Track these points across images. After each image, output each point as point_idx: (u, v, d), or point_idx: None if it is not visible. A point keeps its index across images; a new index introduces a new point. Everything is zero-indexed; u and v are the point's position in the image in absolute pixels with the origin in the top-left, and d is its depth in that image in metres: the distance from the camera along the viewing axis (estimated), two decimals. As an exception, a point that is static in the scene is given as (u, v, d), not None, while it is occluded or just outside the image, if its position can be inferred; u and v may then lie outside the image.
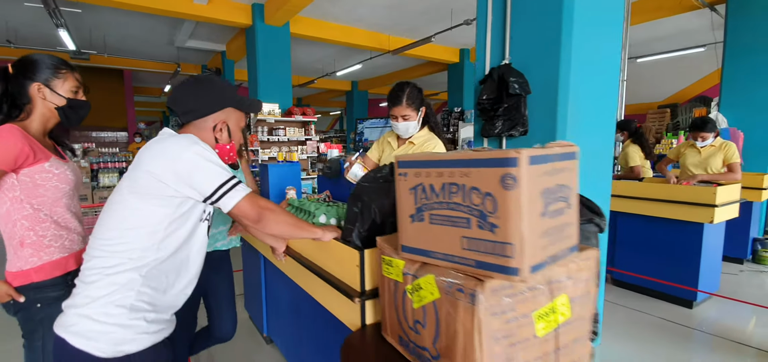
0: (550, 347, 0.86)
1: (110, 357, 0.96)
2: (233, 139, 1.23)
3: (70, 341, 0.96)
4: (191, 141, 1.05)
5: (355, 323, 1.25)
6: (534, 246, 0.76)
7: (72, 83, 1.36)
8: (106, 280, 0.97)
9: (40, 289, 1.28)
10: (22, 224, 1.25)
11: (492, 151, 0.77)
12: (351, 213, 1.30)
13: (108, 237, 1.00)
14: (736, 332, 2.70)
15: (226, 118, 1.19)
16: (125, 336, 0.98)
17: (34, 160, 1.23)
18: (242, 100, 1.23)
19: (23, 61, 1.32)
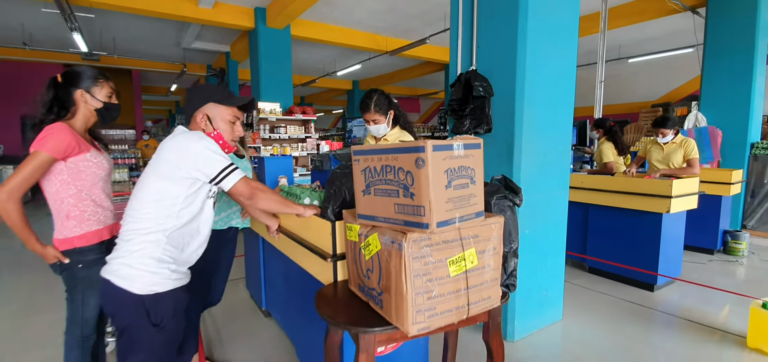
0: (461, 285, 1.18)
1: (144, 293, 1.31)
2: (217, 128, 1.47)
3: (114, 281, 1.30)
4: (199, 136, 1.38)
5: (328, 279, 1.58)
6: (440, 208, 1.08)
7: (107, 90, 1.69)
8: (139, 239, 1.31)
9: (81, 253, 1.61)
10: (68, 201, 1.58)
11: (411, 142, 1.09)
12: (327, 194, 1.63)
13: (139, 208, 1.33)
14: (696, 313, 2.97)
15: (206, 111, 1.47)
16: (154, 279, 1.32)
17: (78, 151, 1.56)
18: (221, 96, 1.49)
19: (69, 72, 1.65)
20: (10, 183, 1.44)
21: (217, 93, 1.49)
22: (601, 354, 2.44)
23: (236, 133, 1.52)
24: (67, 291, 1.67)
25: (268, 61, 7.22)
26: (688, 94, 11.35)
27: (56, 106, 1.61)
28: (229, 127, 1.50)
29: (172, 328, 1.40)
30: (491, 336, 1.40)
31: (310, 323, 2.06)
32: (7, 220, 1.46)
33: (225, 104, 1.48)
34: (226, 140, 1.50)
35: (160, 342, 1.38)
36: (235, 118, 1.51)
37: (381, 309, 1.23)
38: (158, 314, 1.35)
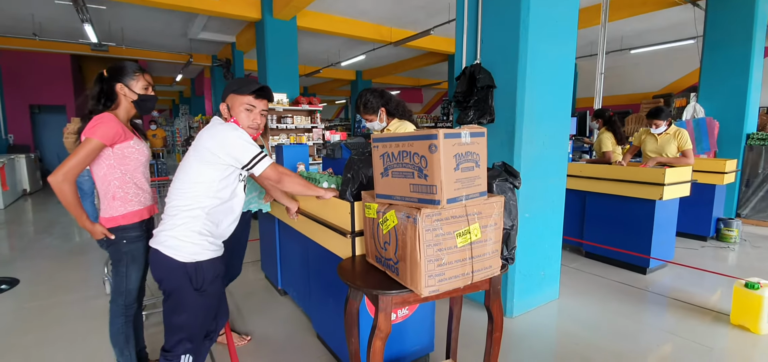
0: (466, 254, 1.37)
1: (188, 261, 1.51)
2: (234, 115, 1.62)
3: (162, 250, 1.49)
4: (233, 127, 1.57)
5: (347, 254, 1.77)
6: (449, 187, 1.26)
7: (143, 83, 1.85)
8: (183, 214, 1.50)
9: (125, 230, 1.80)
10: (114, 184, 1.77)
11: (425, 131, 1.26)
12: (345, 178, 1.81)
13: (182, 188, 1.52)
14: (685, 294, 3.16)
15: (228, 101, 1.65)
16: (195, 249, 1.52)
17: (124, 139, 1.74)
18: (237, 86, 1.63)
19: (113, 67, 1.82)
20: (66, 166, 1.61)
21: (235, 84, 1.64)
22: (592, 328, 2.64)
23: (254, 120, 1.64)
24: (113, 265, 1.87)
25: (275, 52, 7.35)
26: (690, 86, 11.42)
27: (103, 97, 1.79)
28: (246, 114, 1.62)
29: (211, 293, 1.60)
30: (492, 302, 1.59)
31: (326, 297, 2.26)
32: (62, 199, 1.64)
33: (240, 93, 1.62)
34: (243, 125, 1.62)
35: (200, 305, 1.58)
36: (250, 105, 1.62)
37: (397, 276, 1.42)
38: (199, 279, 1.54)
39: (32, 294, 3.29)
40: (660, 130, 3.92)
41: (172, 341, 1.57)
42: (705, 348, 2.37)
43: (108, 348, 1.99)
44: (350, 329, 1.74)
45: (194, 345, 1.60)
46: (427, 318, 2.18)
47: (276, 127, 6.96)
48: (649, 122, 4.01)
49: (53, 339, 2.55)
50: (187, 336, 1.57)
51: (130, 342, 1.94)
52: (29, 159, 8.63)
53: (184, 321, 1.56)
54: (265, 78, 7.52)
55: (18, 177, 8.14)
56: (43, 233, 5.34)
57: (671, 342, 2.46)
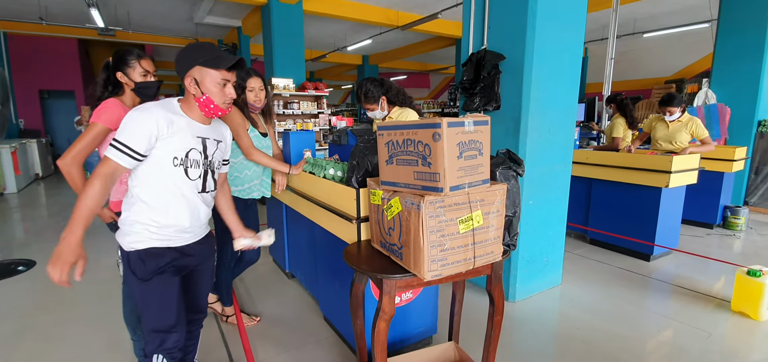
0: (468, 240, 1.40)
1: (129, 249, 1.41)
2: (206, 91, 1.39)
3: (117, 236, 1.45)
4: (135, 110, 1.34)
5: (352, 239, 1.82)
6: (452, 175, 1.29)
7: (140, 70, 1.83)
8: (127, 201, 1.45)
9: None
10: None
11: (430, 120, 1.29)
12: (351, 165, 1.85)
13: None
14: (687, 281, 3.18)
15: (193, 74, 1.38)
16: (137, 238, 1.40)
17: None
18: (207, 58, 1.38)
19: (115, 54, 1.85)
20: (73, 150, 1.67)
21: (203, 54, 1.39)
22: (594, 313, 2.68)
23: (228, 95, 1.44)
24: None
25: (281, 37, 7.34)
26: (703, 71, 11.22)
27: (110, 85, 1.84)
28: (219, 89, 1.41)
29: (158, 283, 1.43)
30: (493, 286, 1.63)
31: (332, 280, 2.32)
32: (70, 182, 1.70)
33: (212, 67, 1.39)
34: (218, 103, 1.42)
35: (148, 295, 1.43)
36: (224, 80, 1.42)
37: (401, 260, 1.47)
38: (139, 268, 1.40)
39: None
40: (674, 117, 3.91)
41: (145, 340, 1.49)
42: (704, 333, 2.40)
43: (123, 326, 2.08)
44: (356, 311, 1.80)
45: (165, 347, 1.47)
46: (431, 302, 2.24)
47: (282, 113, 6.99)
48: (662, 109, 3.97)
49: (70, 319, 2.66)
50: (148, 329, 1.45)
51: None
52: (40, 143, 8.77)
53: (141, 312, 1.47)
54: (271, 62, 7.52)
55: (30, 161, 8.30)
56: (56, 216, 5.47)
57: (671, 327, 2.50)
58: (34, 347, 2.34)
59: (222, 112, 1.46)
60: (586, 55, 13.65)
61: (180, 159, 1.41)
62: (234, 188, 2.28)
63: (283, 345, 2.33)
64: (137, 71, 1.84)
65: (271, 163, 2.33)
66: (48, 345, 2.35)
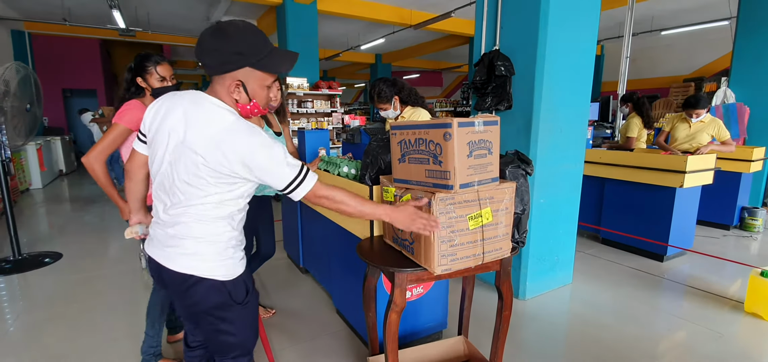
0: (478, 236, 1.45)
1: (227, 278, 1.25)
2: (253, 98, 1.18)
3: (193, 274, 1.21)
4: (260, 137, 1.11)
5: (365, 234, 1.88)
6: (462, 173, 1.34)
7: (157, 76, 1.90)
8: (211, 238, 1.23)
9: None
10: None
11: (441, 120, 1.34)
12: (364, 163, 1.91)
13: (204, 214, 1.21)
14: (701, 282, 3.16)
15: (242, 78, 1.13)
16: (232, 263, 1.27)
17: None
18: (262, 60, 1.13)
19: (136, 58, 1.93)
20: (97, 148, 1.77)
21: (255, 52, 1.12)
22: (604, 312, 2.69)
23: (271, 97, 1.32)
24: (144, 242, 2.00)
25: (296, 36, 7.45)
26: (723, 69, 10.95)
27: (133, 86, 1.93)
28: (266, 92, 1.23)
29: (253, 302, 1.36)
30: (502, 282, 1.67)
31: (345, 275, 2.39)
32: (94, 177, 1.79)
33: (266, 71, 1.16)
34: (262, 108, 1.23)
35: (247, 317, 1.33)
36: (273, 82, 1.24)
37: (412, 255, 1.52)
38: (240, 293, 1.29)
39: (75, 267, 3.55)
40: (701, 118, 3.89)
41: (229, 360, 1.35)
42: (715, 334, 2.40)
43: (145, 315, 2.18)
44: (368, 303, 1.86)
45: (250, 356, 1.40)
46: (441, 297, 2.29)
47: (296, 111, 7.10)
48: (687, 112, 3.95)
49: (96, 309, 2.79)
50: (241, 351, 1.35)
51: (164, 314, 2.04)
52: (64, 141, 9.09)
53: (236, 339, 1.31)
54: (285, 62, 7.63)
55: (54, 158, 8.60)
56: (80, 211, 5.68)
57: (681, 327, 2.50)
58: (62, 333, 2.47)
59: (262, 113, 1.26)
60: (601, 52, 13.46)
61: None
62: None
63: (298, 337, 2.41)
64: (154, 77, 1.92)
65: None
66: (75, 332, 2.48)
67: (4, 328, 2.53)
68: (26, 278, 3.33)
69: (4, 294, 3.06)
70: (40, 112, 3.71)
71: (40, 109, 3.70)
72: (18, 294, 3.06)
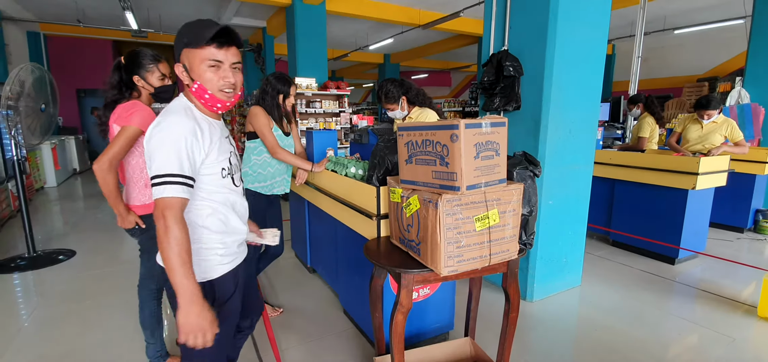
0: (484, 237, 1.45)
1: (198, 280, 1.16)
2: (197, 79, 1.14)
3: None
4: (162, 125, 1.10)
5: (372, 235, 1.89)
6: (469, 175, 1.34)
7: (158, 74, 1.83)
8: None
9: None
10: (146, 171, 1.80)
11: (448, 121, 1.34)
12: (372, 164, 1.92)
13: None
14: (713, 285, 3.11)
15: (183, 60, 1.16)
16: (205, 266, 1.25)
17: None
18: (190, 36, 1.12)
19: (129, 56, 1.83)
20: (109, 153, 1.67)
21: (188, 34, 1.13)
22: (613, 315, 2.66)
23: (225, 78, 1.17)
24: (143, 252, 1.91)
25: (304, 37, 7.49)
26: (738, 69, 10.73)
27: (124, 87, 1.81)
28: (212, 72, 1.14)
29: (228, 309, 1.29)
30: (509, 284, 1.67)
31: (352, 275, 2.40)
32: (103, 186, 1.70)
33: (195, 45, 1.12)
34: (213, 92, 1.16)
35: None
36: (214, 60, 1.14)
37: (419, 256, 1.53)
38: (210, 298, 1.23)
39: (87, 264, 3.62)
40: (712, 119, 3.83)
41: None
42: (727, 339, 2.36)
43: (158, 313, 2.21)
44: (375, 304, 1.87)
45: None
46: (448, 298, 2.29)
47: (305, 111, 7.13)
48: (699, 113, 3.90)
49: (108, 305, 2.84)
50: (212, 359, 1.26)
51: (161, 324, 2.02)
52: (78, 140, 9.25)
53: (195, 352, 1.16)
54: (294, 62, 7.68)
55: (68, 157, 8.76)
56: (93, 209, 5.78)
57: (692, 331, 2.46)
58: (75, 329, 2.52)
59: (220, 103, 1.19)
60: (613, 52, 13.29)
61: (226, 168, 1.25)
62: (258, 184, 2.40)
63: (305, 336, 2.42)
64: (156, 75, 1.83)
65: (295, 161, 2.43)
66: (87, 328, 2.53)
67: (19, 323, 2.58)
68: (41, 275, 3.40)
69: (19, 290, 3.13)
70: (56, 112, 3.78)
71: (55, 109, 3.78)
72: (33, 291, 3.13)
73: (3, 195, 4.95)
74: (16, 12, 8.30)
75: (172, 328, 2.41)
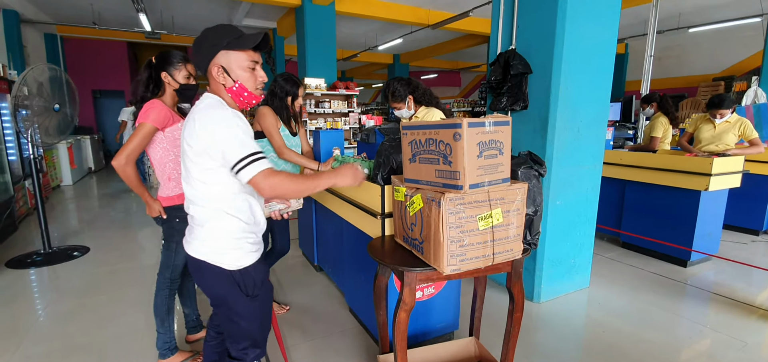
0: (488, 237, 1.45)
1: (234, 268, 1.32)
2: (237, 79, 1.26)
3: (204, 260, 1.31)
4: (223, 115, 1.20)
5: (377, 233, 1.90)
6: (472, 173, 1.34)
7: (185, 73, 1.92)
8: (212, 222, 1.31)
9: (179, 210, 1.93)
10: (169, 166, 1.92)
11: (451, 120, 1.35)
12: (377, 163, 1.93)
13: (200, 195, 1.30)
14: (726, 288, 3.05)
15: (219, 62, 1.25)
16: (238, 254, 1.33)
17: (173, 122, 1.88)
18: (232, 42, 1.24)
19: (161, 55, 1.94)
20: (126, 150, 1.78)
21: (225, 37, 1.24)
22: (622, 317, 2.63)
23: (259, 80, 1.32)
24: (165, 240, 2.02)
25: (314, 37, 7.54)
26: (754, 68, 10.48)
27: (151, 84, 1.93)
28: (250, 73, 1.29)
29: (263, 297, 1.41)
30: (513, 284, 1.66)
31: (357, 273, 2.41)
32: (126, 180, 1.83)
33: (238, 49, 1.26)
34: (251, 90, 1.30)
35: (255, 310, 1.39)
36: (253, 62, 1.29)
37: (422, 255, 1.53)
38: (248, 285, 1.34)
39: (101, 261, 3.70)
40: (725, 118, 3.75)
41: (236, 349, 1.40)
42: (739, 343, 2.31)
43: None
44: (379, 302, 1.88)
45: (261, 349, 1.45)
46: (452, 298, 2.28)
47: (314, 111, 7.18)
48: (711, 112, 3.82)
49: (121, 300, 2.90)
50: (250, 343, 1.40)
51: (171, 313, 2.08)
52: (93, 140, 9.45)
53: (245, 329, 1.37)
54: (304, 62, 7.74)
55: (84, 156, 8.96)
56: (107, 207, 5.91)
57: (704, 335, 2.42)
58: (89, 324, 2.58)
59: (256, 100, 1.33)
60: (625, 51, 13.10)
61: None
62: None
63: (311, 333, 2.44)
64: (182, 74, 1.93)
65: (302, 161, 2.45)
66: (101, 322, 2.59)
67: (35, 318, 2.66)
68: (56, 270, 3.49)
69: (35, 285, 3.22)
70: (74, 113, 3.87)
71: (73, 110, 3.87)
72: (48, 286, 3.21)
73: (20, 193, 5.09)
74: (33, 14, 8.52)
75: (182, 324, 2.45)
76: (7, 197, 4.50)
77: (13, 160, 4.96)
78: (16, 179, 4.89)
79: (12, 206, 4.59)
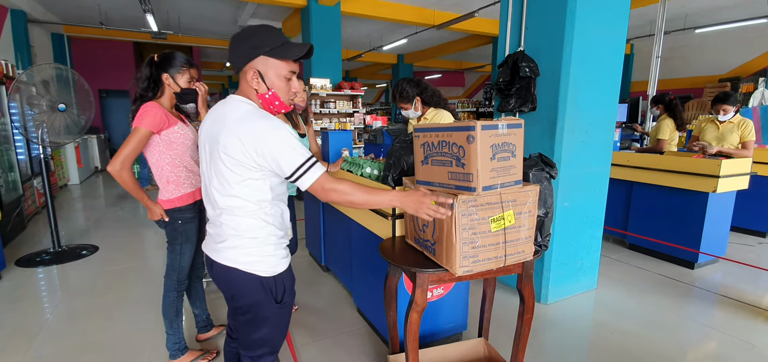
0: (500, 239, 1.46)
1: (268, 275, 1.30)
2: (272, 87, 1.23)
3: (236, 267, 1.27)
4: (271, 122, 1.17)
5: (387, 234, 1.91)
6: (485, 176, 1.35)
7: (188, 76, 1.91)
8: (251, 233, 1.28)
9: (180, 212, 1.93)
10: (166, 169, 1.89)
11: (464, 122, 1.36)
12: (387, 164, 1.94)
13: (237, 206, 1.26)
14: (734, 291, 3.04)
15: (256, 66, 1.21)
16: (273, 261, 1.31)
17: (168, 125, 1.85)
18: (275, 49, 1.20)
19: (164, 55, 1.91)
20: (121, 155, 1.74)
21: (268, 42, 1.20)
22: (629, 319, 2.63)
23: (293, 91, 1.28)
24: (168, 243, 2.01)
25: (319, 38, 7.55)
26: (761, 69, 10.42)
27: (151, 83, 1.88)
28: (285, 83, 1.25)
29: (289, 303, 1.39)
30: (524, 285, 1.67)
31: (366, 274, 2.42)
32: (123, 184, 1.79)
33: (279, 58, 1.22)
34: (283, 100, 1.26)
35: (281, 317, 1.37)
36: (290, 72, 1.25)
37: (434, 256, 1.54)
38: (279, 291, 1.33)
39: (110, 260, 3.73)
40: (728, 116, 3.73)
41: (254, 356, 1.38)
42: (746, 345, 2.31)
43: (178, 308, 2.27)
44: (389, 302, 1.89)
45: (275, 355, 1.44)
46: (462, 299, 2.29)
47: (319, 112, 7.20)
48: (715, 108, 3.80)
49: (130, 299, 2.92)
50: (269, 349, 1.39)
51: (179, 315, 2.09)
52: (100, 139, 9.52)
53: (266, 336, 1.36)
54: (309, 63, 7.75)
55: (90, 155, 9.02)
56: (114, 206, 5.95)
57: (711, 337, 2.42)
58: (98, 323, 2.60)
59: (285, 110, 1.31)
60: (631, 51, 13.05)
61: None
62: None
63: (319, 333, 2.46)
64: (185, 78, 1.91)
65: None
66: (110, 322, 2.61)
67: (44, 317, 2.68)
68: (64, 269, 3.52)
69: (44, 284, 3.25)
70: (79, 112, 3.90)
71: (79, 109, 3.90)
72: (57, 285, 3.24)
73: (29, 191, 5.13)
74: (41, 14, 8.58)
75: (191, 323, 2.47)
76: (16, 196, 4.54)
77: (21, 159, 5.01)
78: (24, 178, 4.94)
79: (21, 205, 4.64)
